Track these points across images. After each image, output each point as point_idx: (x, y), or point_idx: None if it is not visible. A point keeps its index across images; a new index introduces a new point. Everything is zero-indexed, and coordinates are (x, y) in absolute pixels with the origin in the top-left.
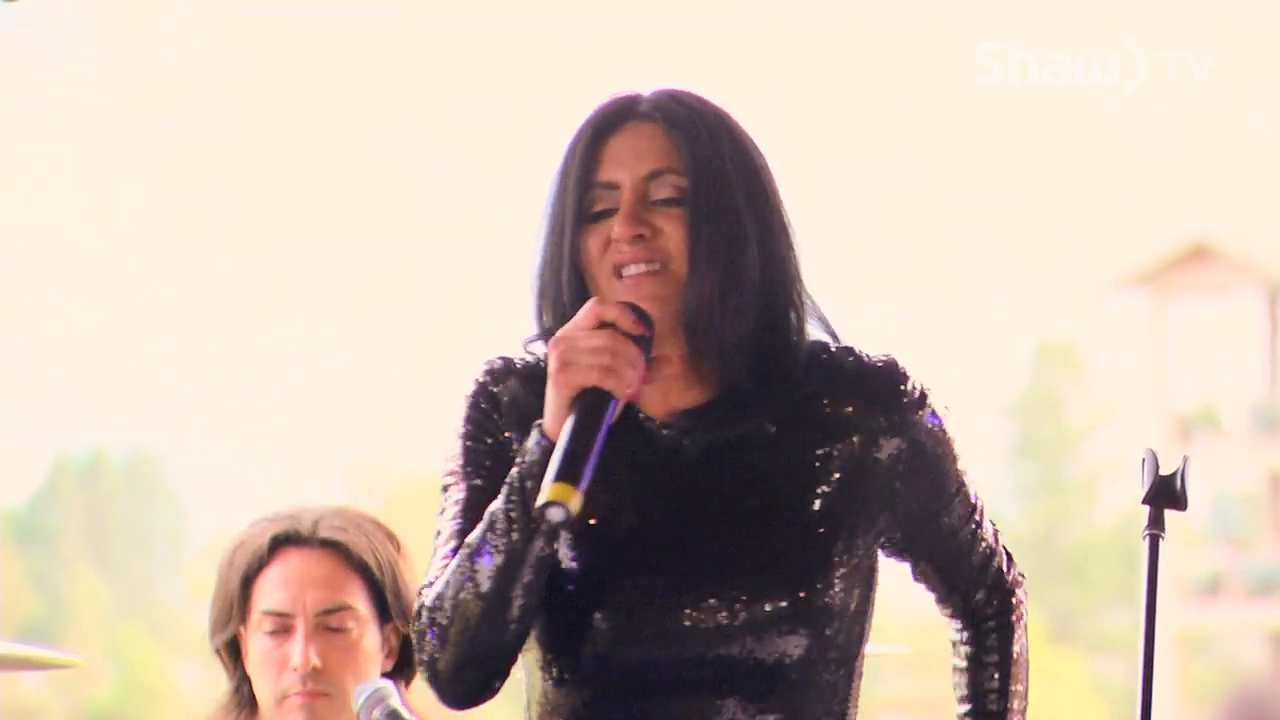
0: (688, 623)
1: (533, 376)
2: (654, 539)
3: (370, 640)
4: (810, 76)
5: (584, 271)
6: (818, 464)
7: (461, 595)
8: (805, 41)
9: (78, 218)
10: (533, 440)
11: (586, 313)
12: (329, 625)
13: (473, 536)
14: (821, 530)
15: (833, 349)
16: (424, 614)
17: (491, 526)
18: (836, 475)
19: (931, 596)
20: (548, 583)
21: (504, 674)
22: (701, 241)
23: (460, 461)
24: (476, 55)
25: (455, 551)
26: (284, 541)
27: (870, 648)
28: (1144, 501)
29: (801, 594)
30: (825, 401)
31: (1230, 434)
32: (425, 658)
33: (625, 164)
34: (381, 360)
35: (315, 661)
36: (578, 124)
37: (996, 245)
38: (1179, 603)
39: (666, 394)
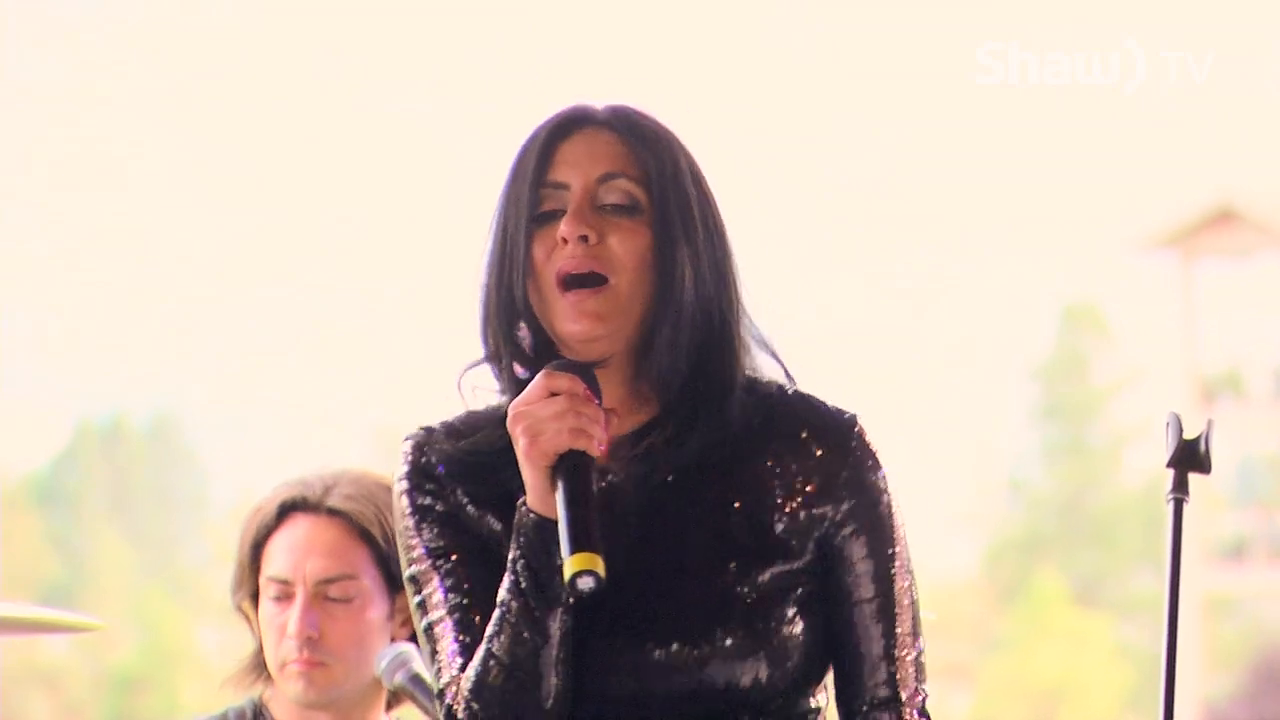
0: (632, 659)
1: (457, 434)
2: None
3: (376, 611)
4: (822, 74)
5: (532, 279)
6: (765, 505)
7: (503, 683)
8: (817, 42)
9: (99, 180)
10: (525, 521)
11: (537, 386)
12: (330, 595)
13: (491, 628)
14: (773, 565)
15: (790, 393)
16: (462, 708)
17: (507, 612)
18: (781, 515)
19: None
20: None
21: None
22: (657, 253)
23: (424, 549)
24: (505, 7)
25: (462, 636)
26: (292, 508)
27: None
28: (1168, 465)
29: (759, 627)
30: (774, 448)
31: (1255, 397)
32: None
33: (577, 164)
34: (407, 319)
35: (311, 631)
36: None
37: (1022, 210)
38: (1203, 566)
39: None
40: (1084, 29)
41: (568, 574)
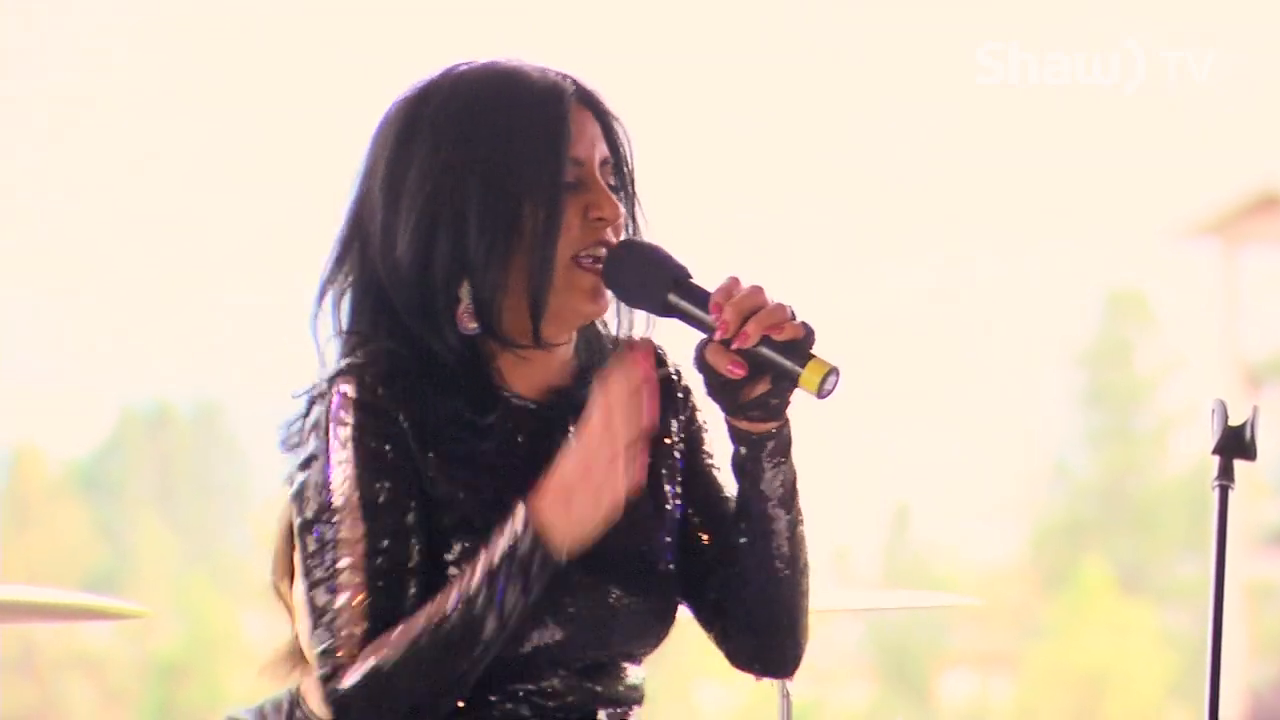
0: (570, 606)
1: (395, 369)
2: None
3: None
4: (838, 74)
5: (532, 250)
6: (662, 432)
7: (486, 620)
8: (830, 42)
9: (142, 169)
10: (534, 545)
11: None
12: None
13: (494, 562)
14: (670, 504)
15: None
16: (424, 630)
17: (512, 561)
18: (675, 442)
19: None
20: (427, 565)
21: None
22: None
23: (370, 469)
24: None
25: (377, 589)
26: None
27: (940, 600)
28: (1213, 452)
29: (668, 566)
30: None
31: None
32: (398, 680)
33: (589, 142)
34: None
35: None
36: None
37: (1066, 199)
38: (1248, 553)
39: (544, 375)
40: (1085, 29)
41: (816, 381)
